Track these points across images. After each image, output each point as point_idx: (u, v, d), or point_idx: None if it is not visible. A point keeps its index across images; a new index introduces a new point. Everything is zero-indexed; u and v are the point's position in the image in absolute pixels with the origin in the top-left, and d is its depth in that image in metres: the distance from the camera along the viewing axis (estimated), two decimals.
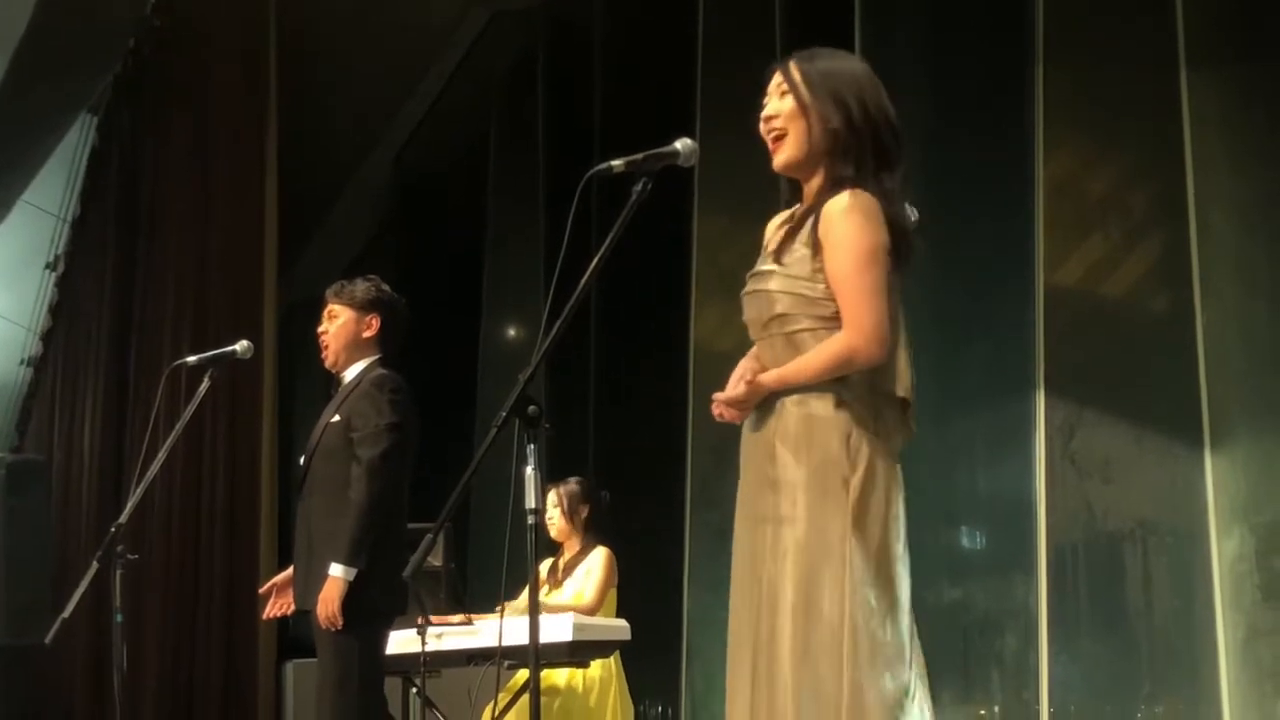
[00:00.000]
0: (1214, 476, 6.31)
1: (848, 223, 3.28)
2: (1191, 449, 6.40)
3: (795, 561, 3.25)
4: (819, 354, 3.29)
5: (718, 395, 3.37)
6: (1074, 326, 6.96)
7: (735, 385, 3.36)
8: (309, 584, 5.24)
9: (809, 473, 3.27)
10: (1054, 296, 6.94)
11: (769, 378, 3.34)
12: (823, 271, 3.31)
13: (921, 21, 7.92)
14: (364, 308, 5.47)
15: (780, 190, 3.57)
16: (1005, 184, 7.17)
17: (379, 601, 5.19)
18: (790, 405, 3.33)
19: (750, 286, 3.45)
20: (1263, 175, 6.42)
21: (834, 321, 3.30)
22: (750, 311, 3.46)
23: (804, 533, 3.25)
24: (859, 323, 3.26)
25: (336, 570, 5.06)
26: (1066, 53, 7.10)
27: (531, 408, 3.13)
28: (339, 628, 5.04)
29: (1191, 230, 6.48)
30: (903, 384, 3.34)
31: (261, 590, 5.68)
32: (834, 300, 3.30)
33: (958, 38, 7.67)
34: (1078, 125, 7.14)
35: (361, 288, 5.50)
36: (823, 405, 3.30)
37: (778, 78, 3.46)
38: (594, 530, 6.77)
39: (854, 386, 3.31)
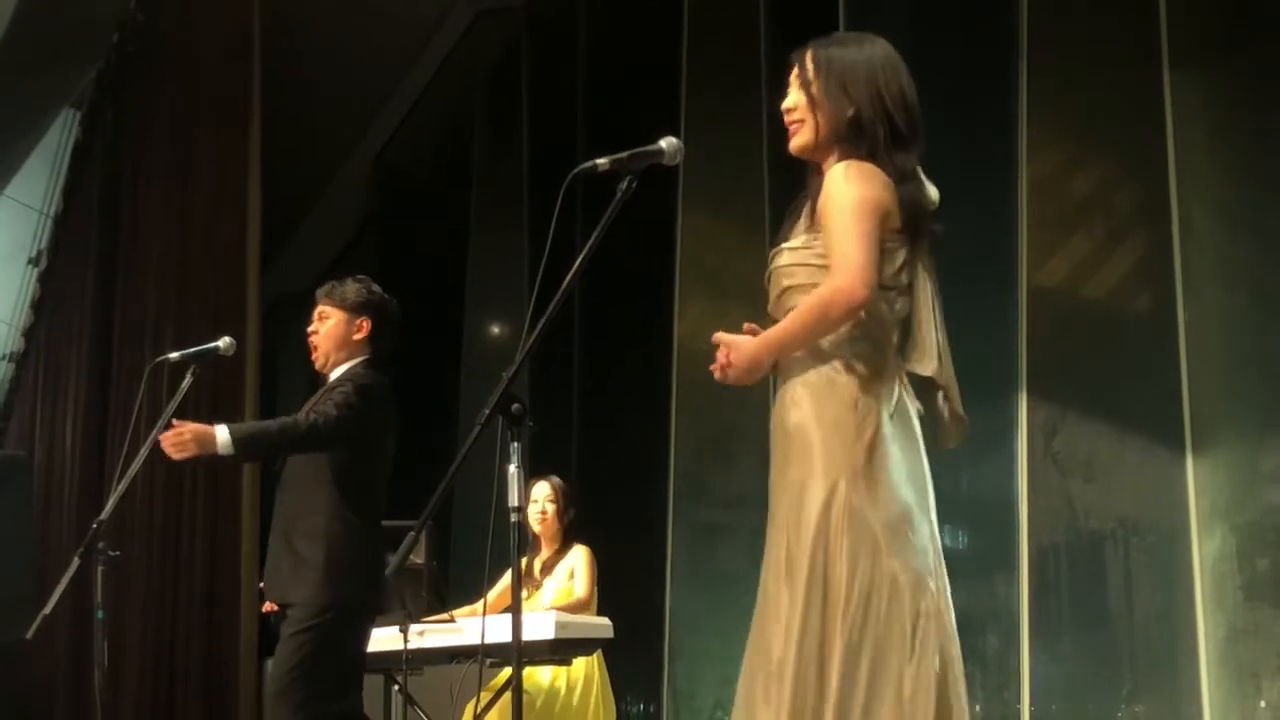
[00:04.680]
0: (1196, 476, 6.32)
1: (841, 181, 3.29)
2: (1173, 449, 6.41)
3: (786, 567, 3.22)
4: (804, 304, 3.26)
5: (717, 335, 3.32)
6: (1056, 326, 6.96)
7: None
8: (284, 578, 5.24)
9: (813, 462, 3.23)
10: (1037, 296, 6.95)
11: (760, 337, 3.29)
12: (819, 238, 3.31)
13: (904, 20, 7.93)
14: (354, 309, 5.44)
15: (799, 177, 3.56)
16: (988, 184, 7.18)
17: (356, 597, 5.17)
18: (798, 385, 3.30)
19: (769, 269, 3.44)
20: (1245, 174, 6.43)
21: None
22: (770, 293, 3.44)
23: (804, 537, 3.20)
24: (840, 263, 3.22)
25: (223, 432, 5.03)
26: (1049, 52, 7.12)
27: (515, 405, 3.12)
28: (176, 456, 5.00)
29: (1174, 230, 6.49)
30: (929, 363, 3.32)
31: (261, 584, 5.66)
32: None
33: (940, 37, 7.67)
34: (1060, 125, 7.15)
35: (353, 289, 5.47)
36: (829, 383, 3.27)
37: (796, 68, 3.47)
38: (574, 530, 6.78)
39: (868, 361, 3.28)
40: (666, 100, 9.36)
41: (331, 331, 5.44)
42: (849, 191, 3.27)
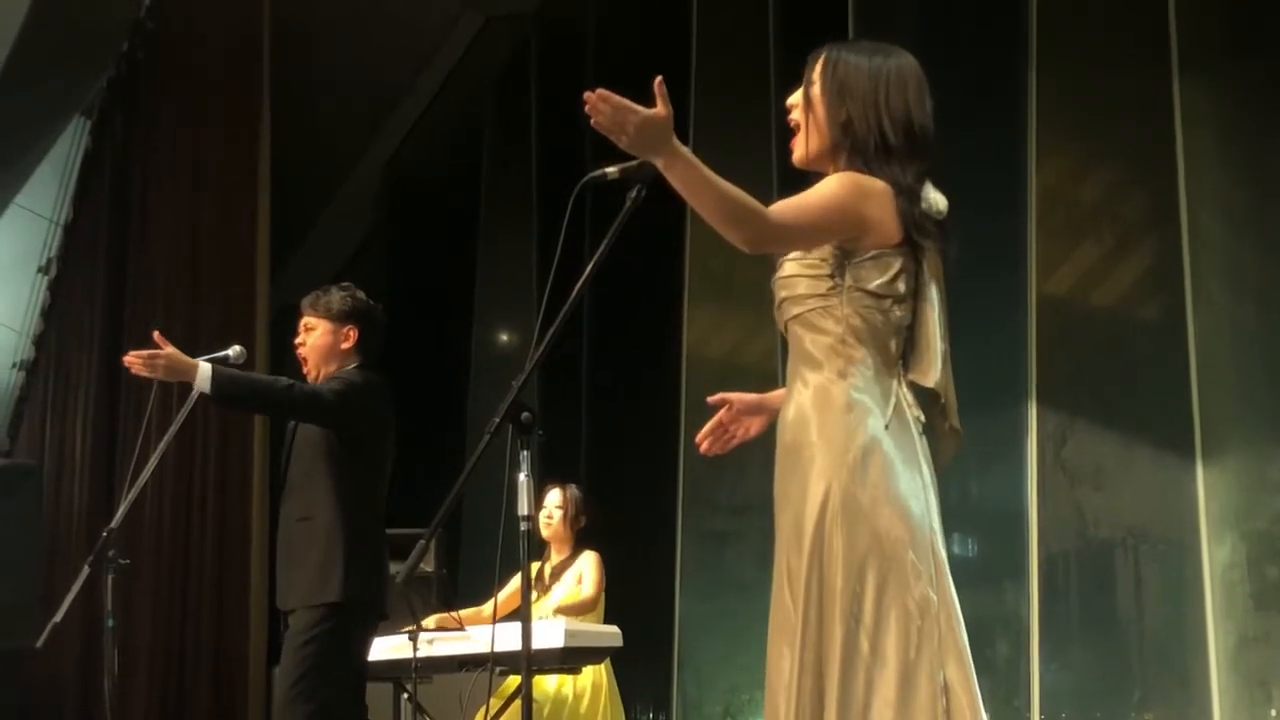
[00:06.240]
0: (1205, 484, 6.31)
1: (831, 179, 3.25)
2: (1183, 456, 6.40)
3: (789, 582, 3.21)
4: (738, 193, 3.13)
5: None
6: (1066, 334, 6.96)
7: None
8: (285, 581, 5.25)
9: (810, 473, 3.21)
10: (1046, 304, 6.95)
11: (681, 149, 3.24)
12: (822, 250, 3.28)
13: (914, 27, 7.93)
14: (340, 319, 5.42)
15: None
16: (997, 190, 7.17)
17: (356, 600, 5.16)
18: (794, 405, 3.27)
19: (773, 277, 3.40)
20: (1255, 180, 6.42)
21: (832, 296, 3.25)
22: (775, 305, 3.39)
23: (805, 566, 3.18)
24: (784, 208, 3.18)
25: (205, 368, 4.99)
26: (1059, 58, 7.11)
27: (525, 414, 3.12)
28: (141, 373, 4.98)
29: (1183, 237, 6.48)
30: (932, 374, 3.26)
31: None
32: (833, 275, 3.26)
33: (950, 43, 7.67)
34: (1070, 132, 7.15)
35: (337, 298, 5.45)
36: (825, 393, 3.21)
37: (809, 66, 3.41)
38: (584, 537, 6.80)
39: (861, 366, 3.22)
40: (676, 107, 9.31)
41: (319, 343, 5.43)
42: (828, 186, 3.22)
